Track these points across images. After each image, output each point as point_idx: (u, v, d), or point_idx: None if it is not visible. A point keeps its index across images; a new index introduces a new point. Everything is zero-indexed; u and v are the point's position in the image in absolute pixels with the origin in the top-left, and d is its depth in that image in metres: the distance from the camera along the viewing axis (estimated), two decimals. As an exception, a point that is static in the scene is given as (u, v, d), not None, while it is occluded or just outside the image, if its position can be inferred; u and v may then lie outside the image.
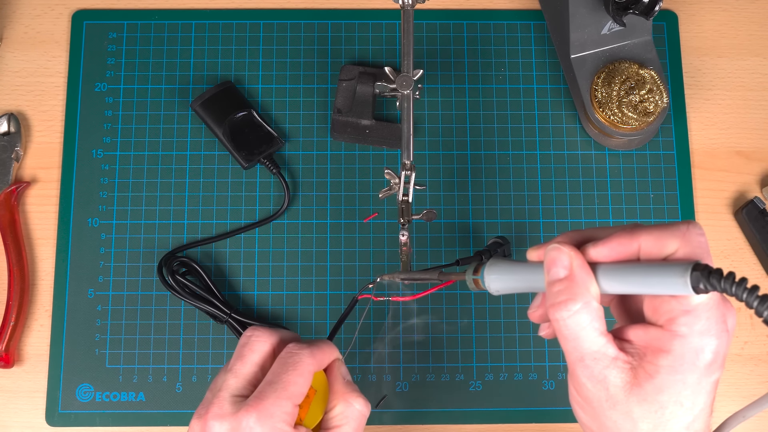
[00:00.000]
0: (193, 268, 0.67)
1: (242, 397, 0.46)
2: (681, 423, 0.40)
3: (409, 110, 0.56)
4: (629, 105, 0.67)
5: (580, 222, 0.70)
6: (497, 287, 0.45)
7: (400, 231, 0.57)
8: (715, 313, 0.39)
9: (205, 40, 0.73)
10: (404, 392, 0.67)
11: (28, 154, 0.71)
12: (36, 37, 0.74)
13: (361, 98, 0.69)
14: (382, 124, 0.70)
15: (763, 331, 0.68)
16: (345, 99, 0.70)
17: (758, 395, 0.68)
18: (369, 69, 0.71)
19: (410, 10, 0.57)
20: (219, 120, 0.69)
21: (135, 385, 0.67)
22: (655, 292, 0.38)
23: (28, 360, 0.67)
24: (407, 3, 0.57)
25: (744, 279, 0.35)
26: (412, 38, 0.57)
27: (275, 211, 0.69)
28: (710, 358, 0.39)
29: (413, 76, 0.57)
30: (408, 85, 0.56)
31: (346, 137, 0.70)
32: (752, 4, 0.76)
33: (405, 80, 0.57)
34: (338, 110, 0.70)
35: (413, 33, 0.57)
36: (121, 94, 0.72)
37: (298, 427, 0.46)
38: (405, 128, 0.56)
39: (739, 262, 0.70)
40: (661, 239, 0.39)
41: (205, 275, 0.67)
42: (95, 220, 0.69)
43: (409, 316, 0.68)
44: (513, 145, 0.72)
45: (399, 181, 0.55)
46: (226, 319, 0.66)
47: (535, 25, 0.74)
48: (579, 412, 0.44)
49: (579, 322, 0.40)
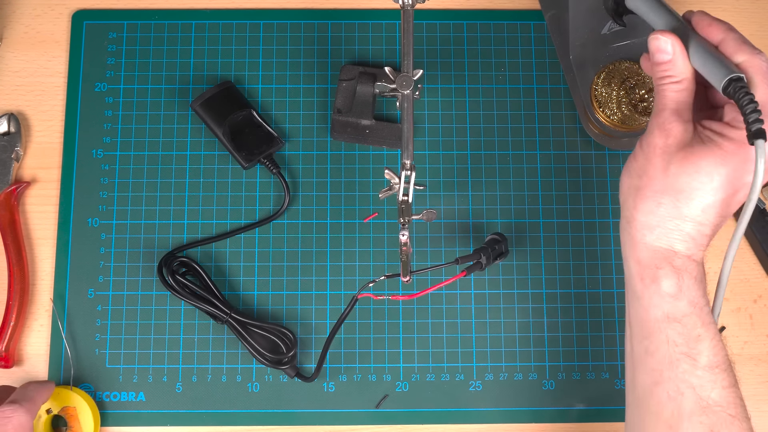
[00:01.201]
0: (193, 268, 0.67)
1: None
2: (703, 200, 0.48)
3: (409, 110, 0.56)
4: (629, 105, 0.67)
5: (580, 222, 0.70)
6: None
7: (400, 231, 0.57)
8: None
9: (205, 40, 0.73)
10: (404, 392, 0.67)
11: (28, 154, 0.71)
12: (36, 37, 0.74)
13: (361, 98, 0.69)
14: (382, 124, 0.70)
15: (763, 331, 0.68)
16: (345, 99, 0.70)
17: (758, 395, 0.68)
18: (369, 69, 0.71)
19: (410, 10, 0.57)
20: (219, 120, 0.69)
21: (135, 385, 0.67)
22: (706, 75, 0.50)
23: (28, 360, 0.67)
24: (407, 3, 0.57)
25: (751, 97, 0.46)
26: (412, 38, 0.57)
27: (275, 211, 0.69)
28: (747, 179, 0.48)
29: (413, 76, 0.57)
30: (408, 85, 0.56)
31: (346, 137, 0.70)
32: (752, 4, 0.76)
33: (405, 80, 0.56)
34: (338, 110, 0.70)
35: (413, 33, 0.57)
36: (121, 94, 0.72)
37: None
38: (405, 128, 0.56)
39: (739, 262, 0.70)
40: (738, 49, 0.49)
41: (205, 275, 0.67)
42: (95, 220, 0.69)
43: (409, 315, 0.68)
44: (513, 145, 0.72)
45: (399, 181, 0.55)
46: (226, 318, 0.66)
47: (535, 25, 0.74)
48: (630, 165, 0.52)
49: (675, 89, 0.51)
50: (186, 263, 0.68)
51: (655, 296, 0.50)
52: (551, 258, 0.69)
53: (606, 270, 0.69)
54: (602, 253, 0.69)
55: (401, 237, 0.57)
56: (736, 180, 0.48)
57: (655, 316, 0.50)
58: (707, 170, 0.48)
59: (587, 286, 0.69)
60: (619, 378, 0.67)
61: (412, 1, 0.57)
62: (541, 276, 0.69)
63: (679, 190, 0.49)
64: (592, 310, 0.68)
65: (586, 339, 0.68)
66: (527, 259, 0.69)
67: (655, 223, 0.50)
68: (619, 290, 0.68)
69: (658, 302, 0.50)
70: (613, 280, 0.69)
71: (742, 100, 0.47)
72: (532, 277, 0.69)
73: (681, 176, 0.48)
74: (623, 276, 0.69)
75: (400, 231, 0.57)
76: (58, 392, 0.64)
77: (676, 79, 0.51)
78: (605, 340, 0.68)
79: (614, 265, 0.69)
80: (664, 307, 0.49)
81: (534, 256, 0.69)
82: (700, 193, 0.48)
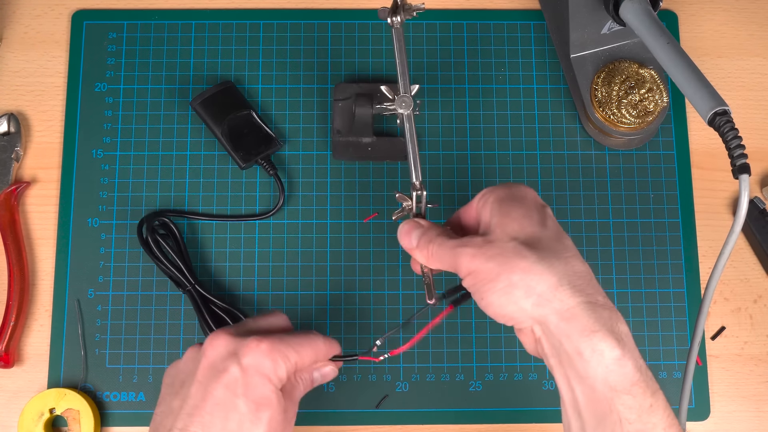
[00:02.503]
0: (172, 233, 0.68)
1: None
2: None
3: (411, 129, 0.55)
4: (629, 104, 0.67)
5: (580, 222, 0.70)
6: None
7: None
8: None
9: (205, 40, 0.73)
10: (404, 392, 0.67)
11: (28, 154, 0.71)
12: (36, 37, 0.74)
13: (360, 119, 0.69)
14: (384, 140, 0.70)
15: (763, 331, 0.68)
16: (343, 120, 0.70)
17: (758, 395, 0.68)
18: (365, 88, 0.70)
19: (400, 29, 0.57)
20: (218, 119, 0.69)
21: (135, 385, 0.67)
22: (693, 104, 0.52)
23: (28, 360, 0.67)
24: (396, 21, 0.57)
25: (735, 132, 0.48)
26: (406, 57, 0.56)
27: (267, 210, 0.69)
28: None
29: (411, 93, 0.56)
30: (408, 106, 0.56)
31: (348, 156, 0.70)
32: (752, 4, 0.76)
33: (404, 101, 0.56)
34: (338, 131, 0.69)
35: (405, 51, 0.57)
36: (121, 94, 0.72)
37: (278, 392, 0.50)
38: (410, 149, 0.55)
39: (739, 262, 0.70)
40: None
41: (181, 242, 0.68)
42: (95, 220, 0.69)
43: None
44: (513, 145, 0.72)
45: (411, 202, 0.54)
46: (188, 288, 0.66)
47: (535, 25, 0.74)
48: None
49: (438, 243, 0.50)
50: (166, 225, 0.68)
51: (600, 366, 0.44)
52: (551, 258, 0.69)
53: (606, 270, 0.69)
54: (602, 253, 0.69)
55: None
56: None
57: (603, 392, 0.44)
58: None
59: (587, 286, 0.69)
60: (619, 378, 0.67)
61: (400, 20, 0.57)
62: (541, 276, 0.69)
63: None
64: (592, 310, 0.68)
65: (586, 339, 0.68)
66: (527, 259, 0.69)
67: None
68: (620, 290, 0.68)
69: (602, 373, 0.44)
70: (613, 280, 0.69)
71: (727, 134, 0.47)
72: (532, 277, 0.69)
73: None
74: (623, 276, 0.69)
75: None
76: (63, 393, 0.64)
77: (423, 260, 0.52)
78: (605, 340, 0.67)
79: (614, 265, 0.69)
80: (610, 378, 0.44)
81: (534, 256, 0.69)
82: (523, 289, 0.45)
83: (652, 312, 0.68)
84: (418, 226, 0.52)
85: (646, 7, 0.60)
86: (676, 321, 0.68)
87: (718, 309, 0.69)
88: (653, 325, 0.68)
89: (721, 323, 0.69)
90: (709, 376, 0.67)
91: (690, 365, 0.58)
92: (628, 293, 0.68)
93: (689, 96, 0.52)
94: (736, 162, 0.47)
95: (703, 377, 0.67)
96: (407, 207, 0.54)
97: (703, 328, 0.66)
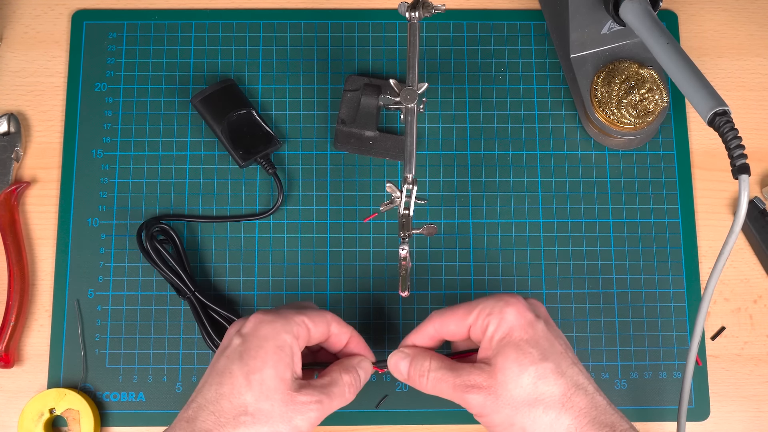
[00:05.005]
0: (171, 238, 0.68)
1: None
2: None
3: (413, 124, 0.56)
4: (629, 105, 0.67)
5: (580, 222, 0.70)
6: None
7: (400, 245, 0.57)
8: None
9: (205, 40, 0.73)
10: (404, 392, 0.67)
11: (28, 154, 0.71)
12: (36, 37, 0.74)
13: (365, 110, 0.69)
14: (386, 136, 0.70)
15: (763, 331, 0.68)
16: (349, 110, 0.70)
17: (758, 395, 0.68)
18: (374, 80, 0.71)
19: (417, 24, 0.57)
20: (218, 117, 0.69)
21: (135, 385, 0.67)
22: (693, 105, 0.53)
23: (28, 360, 0.67)
24: (414, 16, 0.57)
25: (735, 132, 0.48)
26: (418, 52, 0.57)
27: (266, 209, 0.69)
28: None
29: (418, 90, 0.57)
30: (413, 99, 0.56)
31: (349, 148, 0.70)
32: (752, 4, 0.76)
33: (410, 94, 0.56)
34: (342, 121, 0.70)
35: (419, 48, 0.57)
36: (121, 94, 0.72)
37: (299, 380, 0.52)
38: (408, 142, 0.55)
39: (739, 262, 0.70)
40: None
41: (180, 249, 0.68)
42: (95, 220, 0.69)
43: (409, 316, 0.68)
44: (513, 145, 0.72)
45: (400, 195, 0.55)
46: (188, 295, 0.66)
47: (535, 25, 0.74)
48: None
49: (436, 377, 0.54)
50: (165, 231, 0.68)
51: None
52: (551, 258, 0.69)
53: (606, 270, 0.69)
54: (602, 253, 0.69)
55: (401, 251, 0.57)
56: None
57: None
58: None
59: (587, 287, 0.69)
60: (619, 378, 0.67)
61: (418, 15, 0.57)
62: (541, 276, 0.69)
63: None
64: (592, 310, 0.68)
65: (586, 339, 0.68)
66: (527, 259, 0.69)
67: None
68: (619, 290, 0.68)
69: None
70: (613, 280, 0.69)
71: (727, 134, 0.47)
72: (532, 277, 0.69)
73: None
74: (623, 276, 0.69)
75: (400, 245, 0.57)
76: (64, 393, 0.64)
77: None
78: (605, 340, 0.68)
79: (614, 266, 0.69)
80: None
81: (534, 256, 0.69)
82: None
83: (652, 312, 0.68)
84: (404, 357, 0.55)
85: (646, 7, 0.60)
86: (676, 321, 0.68)
87: (718, 309, 0.69)
88: (653, 325, 0.68)
89: (721, 323, 0.69)
90: (708, 377, 0.67)
91: (690, 365, 0.58)
92: (628, 293, 0.68)
93: (689, 96, 0.52)
94: (735, 162, 0.47)
95: (702, 377, 0.67)
96: (396, 198, 0.55)
97: (703, 328, 0.67)
